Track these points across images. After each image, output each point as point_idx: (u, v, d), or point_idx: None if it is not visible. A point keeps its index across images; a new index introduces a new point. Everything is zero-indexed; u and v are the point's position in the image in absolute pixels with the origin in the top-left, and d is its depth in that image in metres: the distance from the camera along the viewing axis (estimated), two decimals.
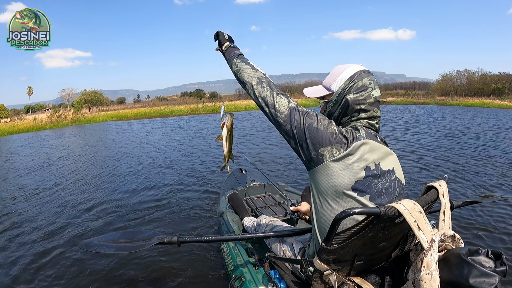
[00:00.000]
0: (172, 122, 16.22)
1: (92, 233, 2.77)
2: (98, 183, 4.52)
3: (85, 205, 3.54)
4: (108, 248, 1.18)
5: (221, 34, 1.16)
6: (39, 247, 2.53)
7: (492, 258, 0.72)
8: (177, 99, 36.11)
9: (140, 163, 5.86)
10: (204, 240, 1.22)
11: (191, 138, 9.48)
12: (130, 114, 22.74)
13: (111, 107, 35.32)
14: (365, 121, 0.94)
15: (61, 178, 4.94)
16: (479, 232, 2.58)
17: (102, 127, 15.57)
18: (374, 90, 0.94)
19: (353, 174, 0.84)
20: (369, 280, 0.92)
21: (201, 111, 22.74)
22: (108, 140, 9.97)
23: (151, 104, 34.70)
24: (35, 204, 3.69)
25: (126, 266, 2.16)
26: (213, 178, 4.46)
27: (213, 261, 2.18)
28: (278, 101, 0.92)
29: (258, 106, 0.98)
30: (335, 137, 0.85)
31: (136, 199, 3.68)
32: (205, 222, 2.89)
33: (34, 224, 3.02)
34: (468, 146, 6.56)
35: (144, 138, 10.13)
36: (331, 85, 0.98)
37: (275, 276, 1.20)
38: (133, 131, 12.63)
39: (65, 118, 19.17)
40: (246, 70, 1.01)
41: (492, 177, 4.17)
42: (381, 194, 0.88)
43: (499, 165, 4.84)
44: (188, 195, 3.74)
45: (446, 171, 4.61)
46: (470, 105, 25.48)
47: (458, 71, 40.42)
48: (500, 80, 35.25)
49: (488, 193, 3.57)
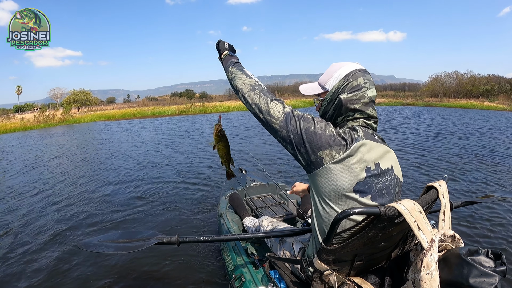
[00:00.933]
0: (162, 122, 16.20)
1: (90, 233, 2.77)
2: (93, 184, 4.51)
3: (84, 205, 3.54)
4: (107, 248, 1.18)
5: (221, 43, 1.15)
6: (38, 247, 2.53)
7: (492, 258, 0.72)
8: (167, 99, 35.89)
9: (138, 162, 5.86)
10: (203, 240, 1.22)
11: (185, 137, 9.49)
12: (119, 114, 22.52)
13: (101, 107, 34.98)
14: (362, 120, 0.94)
15: (51, 179, 4.94)
16: (479, 232, 2.58)
17: (90, 127, 15.49)
18: (369, 90, 0.92)
19: (354, 176, 0.83)
20: (369, 280, 0.91)
21: (190, 112, 22.67)
22: (99, 140, 9.94)
23: (140, 104, 34.48)
24: (29, 204, 3.68)
25: (125, 266, 2.16)
26: (212, 178, 4.46)
27: (213, 261, 2.17)
28: (273, 107, 0.91)
29: (252, 113, 0.96)
30: (333, 139, 0.84)
31: (135, 199, 3.68)
32: (205, 222, 2.89)
33: (33, 224, 3.02)
34: (455, 145, 6.79)
35: (137, 137, 10.11)
36: (326, 83, 0.97)
37: (275, 276, 1.20)
38: (122, 131, 12.59)
39: (53, 118, 18.91)
40: (240, 77, 1.00)
41: (478, 175, 4.25)
42: (382, 193, 0.88)
43: (488, 164, 4.95)
44: (188, 195, 3.73)
45: (430, 169, 4.71)
46: (458, 106, 25.81)
47: (447, 73, 41.18)
48: (489, 82, 35.81)
49: (474, 192, 3.59)
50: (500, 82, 35.62)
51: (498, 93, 33.89)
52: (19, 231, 2.88)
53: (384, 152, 0.90)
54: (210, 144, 1.25)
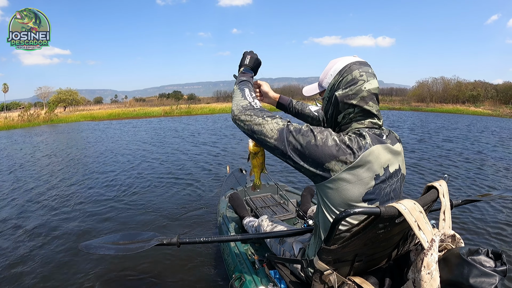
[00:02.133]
0: (151, 123, 16.02)
1: (90, 235, 2.77)
2: (90, 186, 4.50)
3: (82, 207, 3.54)
4: (107, 250, 1.18)
5: (243, 57, 1.11)
6: (38, 248, 2.53)
7: (492, 257, 0.72)
8: (154, 100, 35.48)
9: (132, 163, 5.85)
10: (203, 241, 1.22)
11: (181, 138, 9.45)
12: (104, 114, 22.24)
13: (87, 107, 34.50)
14: (367, 121, 0.88)
15: (42, 181, 4.94)
16: (479, 231, 2.58)
17: (74, 127, 15.20)
18: (366, 83, 0.87)
19: (363, 186, 0.81)
20: (369, 280, 0.91)
21: (175, 113, 22.46)
22: (87, 141, 9.84)
23: (127, 105, 34.16)
24: (24, 204, 3.68)
25: (126, 268, 2.16)
26: (212, 179, 4.46)
27: (213, 262, 2.17)
28: (265, 126, 0.86)
29: (247, 136, 0.91)
30: (337, 149, 0.80)
31: (134, 200, 3.67)
32: (205, 223, 2.89)
33: (32, 224, 3.02)
34: (437, 147, 7.10)
35: (131, 138, 10.04)
36: (323, 81, 0.95)
37: (275, 276, 1.20)
38: (109, 132, 12.42)
39: (37, 117, 18.57)
40: (236, 98, 0.95)
41: (462, 175, 4.23)
42: (390, 197, 0.87)
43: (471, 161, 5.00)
44: (188, 196, 3.73)
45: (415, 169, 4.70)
46: (444, 111, 25.98)
47: (434, 78, 41.76)
48: (476, 87, 36.42)
49: (458, 191, 3.59)
50: (487, 88, 36.37)
51: (484, 98, 34.52)
52: (17, 232, 2.87)
53: (392, 152, 0.87)
54: (250, 148, 1.14)
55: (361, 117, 0.89)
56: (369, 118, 0.89)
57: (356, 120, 0.89)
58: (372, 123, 0.89)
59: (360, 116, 0.89)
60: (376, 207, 0.73)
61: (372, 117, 0.89)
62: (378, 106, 0.90)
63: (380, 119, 0.91)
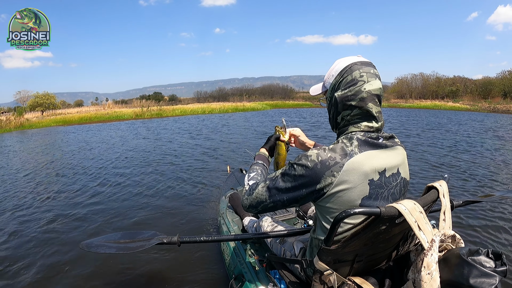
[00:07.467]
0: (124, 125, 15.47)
1: (91, 234, 2.77)
2: (90, 186, 4.51)
3: (83, 205, 3.54)
4: (108, 249, 1.19)
5: (266, 141, 1.20)
6: (38, 248, 2.53)
7: (493, 258, 0.72)
8: (135, 102, 35.08)
9: (133, 164, 5.86)
10: (204, 240, 1.22)
11: (179, 138, 9.44)
12: (75, 118, 21.41)
13: (66, 111, 33.32)
14: (364, 124, 0.86)
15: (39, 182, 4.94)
16: (479, 232, 2.58)
17: (40, 133, 14.16)
18: (366, 83, 0.84)
19: (356, 194, 0.81)
20: (369, 280, 0.91)
21: (146, 116, 21.78)
22: (89, 143, 9.94)
23: (107, 107, 33.57)
24: (23, 203, 3.69)
25: (126, 267, 2.16)
26: (212, 179, 4.46)
27: (213, 261, 2.18)
28: (256, 195, 0.93)
29: (262, 212, 0.98)
30: (319, 166, 0.80)
31: (134, 200, 3.67)
32: (205, 222, 2.89)
33: (32, 224, 3.02)
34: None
35: (125, 139, 10.03)
36: (326, 81, 0.95)
37: (275, 276, 1.20)
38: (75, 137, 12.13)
39: (9, 123, 17.94)
40: (245, 180, 1.05)
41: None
42: (388, 202, 0.86)
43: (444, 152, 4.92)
44: (188, 196, 3.73)
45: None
46: (422, 107, 25.94)
47: (413, 75, 41.81)
48: (455, 83, 36.56)
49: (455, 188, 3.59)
50: (466, 83, 36.42)
51: (463, 93, 34.66)
52: (18, 232, 2.88)
53: (390, 156, 0.86)
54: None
55: (358, 120, 0.87)
56: (366, 121, 0.86)
57: (353, 122, 0.88)
58: (369, 126, 0.86)
59: (358, 118, 0.87)
60: (376, 207, 0.73)
61: (369, 119, 0.86)
62: (379, 108, 0.87)
63: (379, 122, 0.88)
